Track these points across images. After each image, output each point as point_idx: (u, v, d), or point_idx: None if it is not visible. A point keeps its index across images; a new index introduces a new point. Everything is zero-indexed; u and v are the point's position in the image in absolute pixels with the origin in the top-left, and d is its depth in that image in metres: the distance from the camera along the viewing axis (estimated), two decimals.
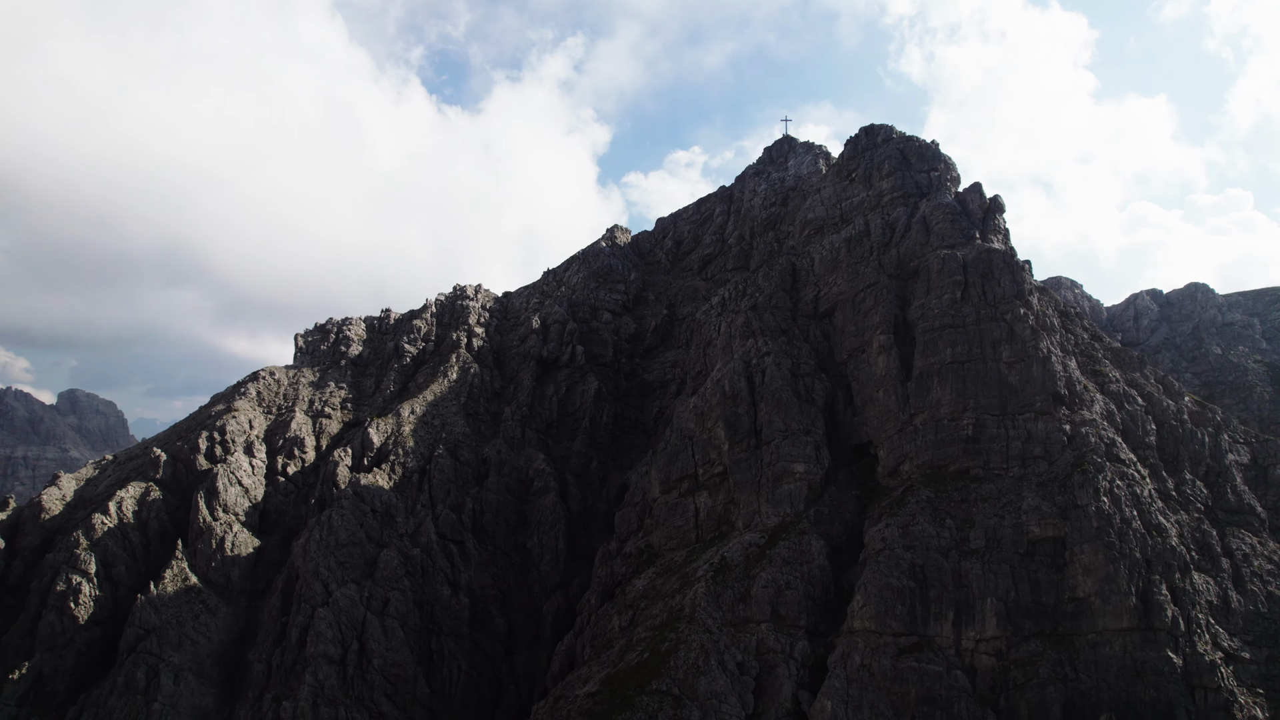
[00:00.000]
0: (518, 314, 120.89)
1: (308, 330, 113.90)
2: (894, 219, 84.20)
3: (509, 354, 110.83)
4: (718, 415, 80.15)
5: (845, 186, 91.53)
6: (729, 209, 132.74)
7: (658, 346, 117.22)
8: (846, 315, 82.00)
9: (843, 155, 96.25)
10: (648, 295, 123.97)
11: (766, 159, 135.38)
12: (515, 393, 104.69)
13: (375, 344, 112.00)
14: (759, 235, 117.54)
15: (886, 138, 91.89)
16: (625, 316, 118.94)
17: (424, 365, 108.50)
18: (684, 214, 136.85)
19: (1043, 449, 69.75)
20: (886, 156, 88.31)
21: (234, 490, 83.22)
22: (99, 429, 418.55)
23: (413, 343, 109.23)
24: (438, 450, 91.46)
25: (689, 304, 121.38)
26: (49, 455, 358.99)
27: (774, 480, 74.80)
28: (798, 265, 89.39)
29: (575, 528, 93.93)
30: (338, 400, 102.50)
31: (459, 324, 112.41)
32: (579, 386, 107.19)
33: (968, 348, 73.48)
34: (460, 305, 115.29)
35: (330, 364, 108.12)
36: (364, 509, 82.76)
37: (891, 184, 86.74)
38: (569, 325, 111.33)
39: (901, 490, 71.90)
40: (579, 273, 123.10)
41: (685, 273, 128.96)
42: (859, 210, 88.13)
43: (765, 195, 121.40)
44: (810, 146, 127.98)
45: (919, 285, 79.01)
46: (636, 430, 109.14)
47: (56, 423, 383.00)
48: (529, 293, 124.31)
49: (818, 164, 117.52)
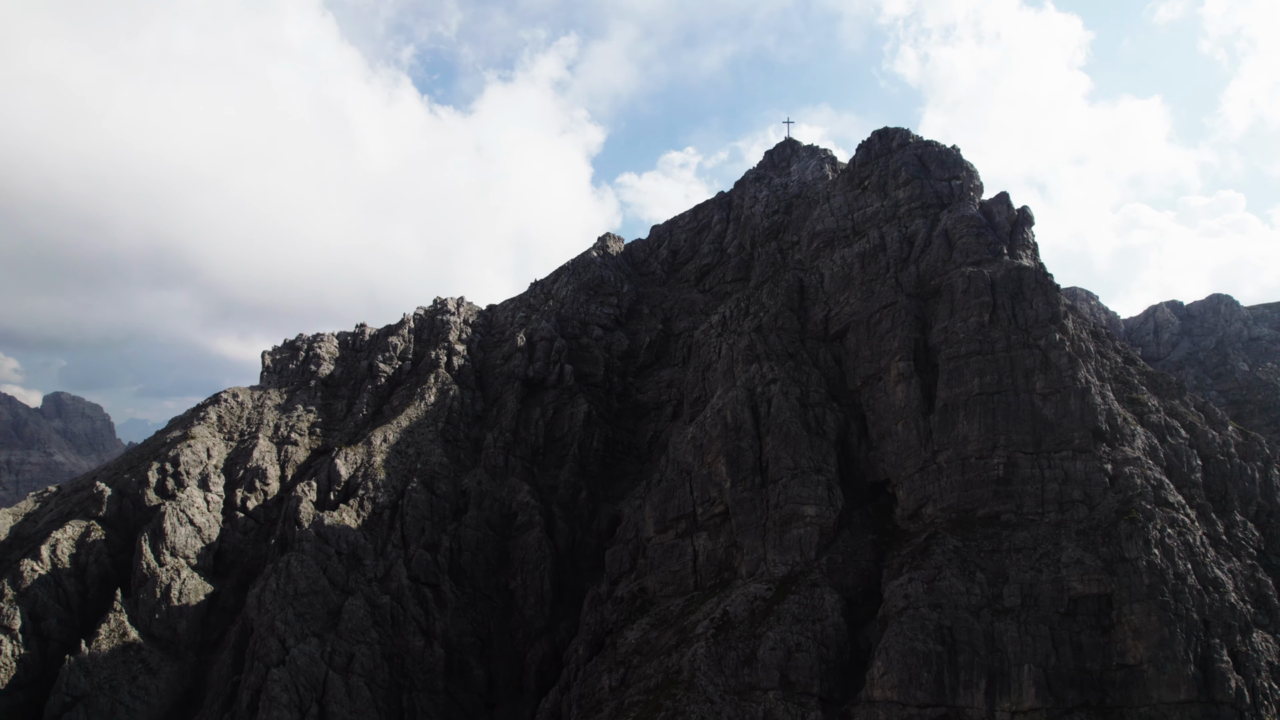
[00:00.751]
0: (503, 329, 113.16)
1: (276, 347, 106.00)
2: (912, 232, 76.74)
3: (492, 373, 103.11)
4: (718, 449, 72.60)
5: (857, 195, 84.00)
6: (728, 216, 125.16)
7: (652, 364, 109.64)
8: (860, 338, 74.50)
9: (854, 161, 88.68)
10: (641, 308, 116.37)
11: (768, 163, 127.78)
12: (498, 416, 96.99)
13: (348, 362, 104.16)
14: (760, 245, 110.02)
15: (902, 142, 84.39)
16: (617, 332, 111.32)
17: (400, 386, 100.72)
18: (680, 221, 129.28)
19: (1082, 492, 62.39)
20: (903, 163, 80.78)
21: (184, 530, 75.30)
22: (85, 433, 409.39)
23: (388, 362, 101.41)
24: (411, 483, 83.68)
25: (686, 318, 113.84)
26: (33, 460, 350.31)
27: (782, 524, 67.29)
28: (805, 282, 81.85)
29: (562, 565, 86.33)
30: (306, 425, 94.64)
31: (438, 341, 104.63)
32: (567, 409, 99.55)
33: (997, 377, 66.07)
34: (440, 320, 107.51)
35: (299, 384, 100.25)
36: (328, 552, 74.95)
37: (909, 193, 79.25)
38: (557, 343, 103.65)
39: (924, 537, 64.45)
40: (568, 284, 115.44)
41: (682, 284, 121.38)
42: (873, 222, 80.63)
43: (767, 202, 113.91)
44: (815, 150, 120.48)
45: (941, 306, 71.56)
46: (629, 456, 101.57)
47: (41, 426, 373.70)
48: (515, 306, 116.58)
49: (823, 169, 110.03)
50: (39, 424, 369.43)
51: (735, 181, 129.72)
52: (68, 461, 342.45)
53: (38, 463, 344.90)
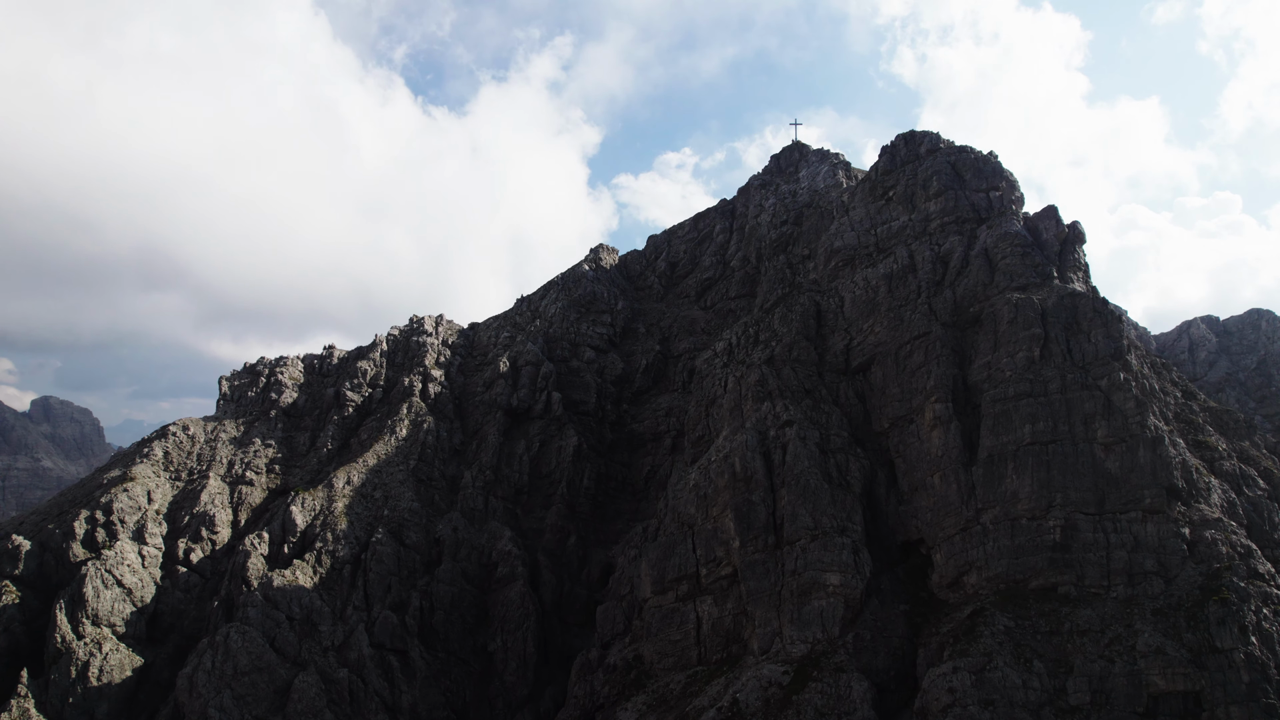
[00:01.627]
0: (485, 350, 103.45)
1: (235, 372, 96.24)
2: (946, 251, 67.27)
3: (472, 402, 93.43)
4: (726, 501, 63.02)
5: (881, 207, 74.45)
6: (731, 226, 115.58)
7: (649, 390, 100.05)
8: (888, 373, 64.97)
9: (876, 168, 79.02)
10: (637, 327, 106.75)
11: (774, 168, 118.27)
12: (478, 451, 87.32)
13: (314, 389, 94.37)
14: (768, 258, 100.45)
15: (932, 148, 74.85)
16: (611, 354, 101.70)
17: (370, 416, 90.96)
18: (679, 231, 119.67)
19: (1156, 561, 52.98)
20: (934, 171, 71.23)
21: (110, 594, 65.52)
22: (73, 437, 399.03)
23: (356, 389, 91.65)
24: (377, 534, 74.00)
25: (685, 338, 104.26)
26: (20, 465, 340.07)
27: (800, 593, 57.71)
28: (823, 306, 72.29)
29: (548, 623, 76.69)
30: (264, 461, 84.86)
31: (413, 365, 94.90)
32: (555, 442, 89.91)
33: (1052, 423, 56.58)
34: (416, 342, 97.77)
35: (259, 414, 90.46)
36: (276, 618, 65.23)
37: (941, 206, 69.73)
38: (544, 367, 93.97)
39: (968, 612, 54.94)
40: (557, 301, 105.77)
41: (681, 300, 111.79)
42: (900, 238, 71.09)
43: (774, 211, 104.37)
44: (825, 155, 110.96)
45: (983, 338, 62.05)
46: (624, 493, 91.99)
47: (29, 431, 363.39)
48: (499, 325, 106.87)
49: (836, 176, 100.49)
50: (26, 429, 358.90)
51: (739, 188, 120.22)
52: (55, 467, 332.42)
53: (25, 468, 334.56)
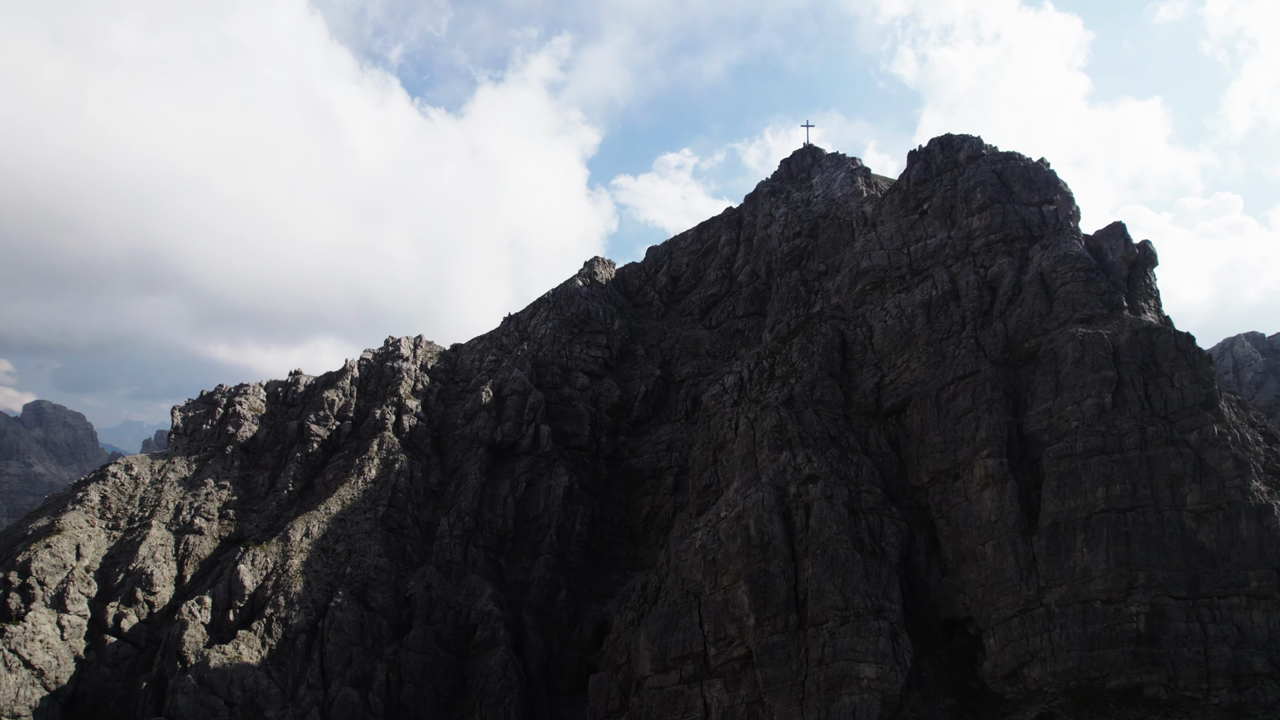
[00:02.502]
0: (468, 375, 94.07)
1: (190, 402, 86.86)
2: (995, 275, 57.92)
3: (451, 436, 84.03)
4: (738, 570, 53.70)
5: (915, 222, 65.06)
6: (738, 237, 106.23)
7: (648, 420, 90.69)
8: (928, 418, 55.61)
9: (907, 177, 69.58)
10: (635, 349, 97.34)
11: (784, 174, 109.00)
12: (457, 494, 77.94)
13: (277, 421, 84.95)
14: (779, 274, 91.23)
15: (973, 154, 65.47)
16: (607, 379, 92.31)
17: (338, 452, 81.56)
18: (681, 243, 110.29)
19: (1268, 661, 43.62)
20: (977, 181, 61.82)
21: (15, 678, 56.09)
22: (66, 442, 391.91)
23: (322, 422, 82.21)
24: (337, 596, 64.68)
25: (689, 360, 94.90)
26: (12, 471, 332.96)
27: (828, 686, 48.35)
28: (849, 336, 62.87)
29: (534, 692, 67.40)
30: (217, 504, 75.51)
31: (387, 394, 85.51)
32: (544, 481, 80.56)
33: (1130, 486, 47.23)
34: (390, 368, 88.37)
35: (214, 450, 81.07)
36: (214, 706, 55.87)
37: (986, 221, 60.39)
38: (532, 396, 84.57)
39: (1033, 717, 45.64)
40: (548, 321, 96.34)
41: (684, 318, 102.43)
42: (938, 259, 61.76)
43: (786, 222, 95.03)
44: (841, 160, 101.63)
45: (1041, 380, 52.66)
46: (620, 537, 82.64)
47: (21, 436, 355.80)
48: (484, 347, 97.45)
49: (854, 183, 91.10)
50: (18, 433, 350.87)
51: (746, 195, 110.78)
52: (48, 473, 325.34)
53: (16, 474, 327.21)
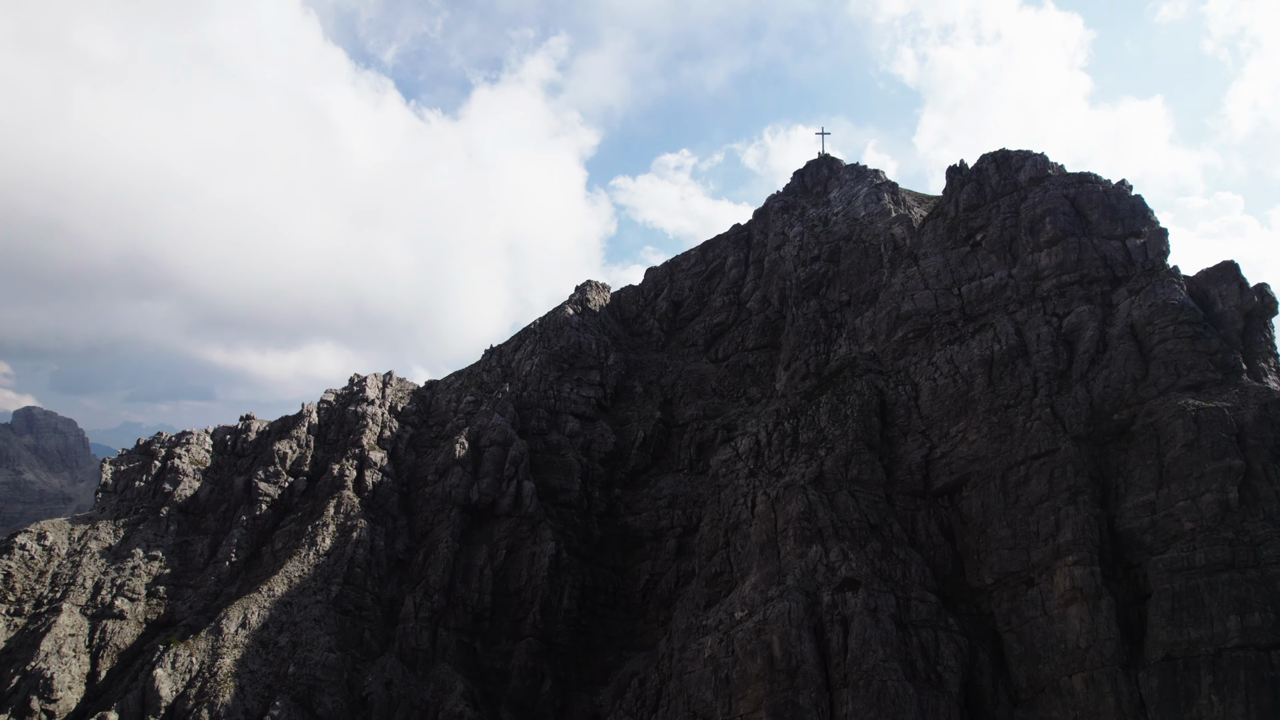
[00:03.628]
0: (444, 417, 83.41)
1: (125, 452, 76.24)
2: (1072, 326, 47.24)
3: (422, 494, 73.35)
4: (758, 697, 43.10)
5: (965, 256, 54.42)
6: (746, 257, 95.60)
7: (647, 470, 79.98)
8: (991, 503, 44.95)
9: (952, 198, 58.81)
10: (633, 386, 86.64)
11: (798, 187, 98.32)
12: (425, 565, 67.25)
13: (224, 475, 74.34)
14: (795, 303, 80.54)
15: (1037, 175, 54.75)
16: (600, 422, 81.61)
17: (291, 513, 70.91)
18: (683, 263, 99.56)
19: None
20: (1046, 209, 51.15)
21: None
22: (57, 449, 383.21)
23: (273, 479, 71.55)
24: (275, 706, 53.98)
25: (693, 400, 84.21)
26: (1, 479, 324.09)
27: None
28: (888, 395, 52.16)
29: None
30: (144, 580, 64.92)
31: (349, 443, 74.85)
32: (527, 548, 69.88)
33: (1273, 614, 36.55)
34: (354, 413, 77.65)
35: (147, 512, 70.47)
36: None
37: (1058, 258, 49.74)
38: (514, 448, 73.84)
39: None
40: (534, 356, 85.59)
41: (686, 350, 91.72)
42: (997, 302, 51.09)
43: (801, 243, 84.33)
44: (862, 172, 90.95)
45: (1139, 463, 41.99)
46: (615, 610, 71.95)
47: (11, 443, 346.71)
48: (462, 384, 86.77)
49: (881, 201, 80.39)
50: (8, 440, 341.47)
51: (755, 210, 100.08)
52: (38, 480, 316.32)
53: (6, 481, 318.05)
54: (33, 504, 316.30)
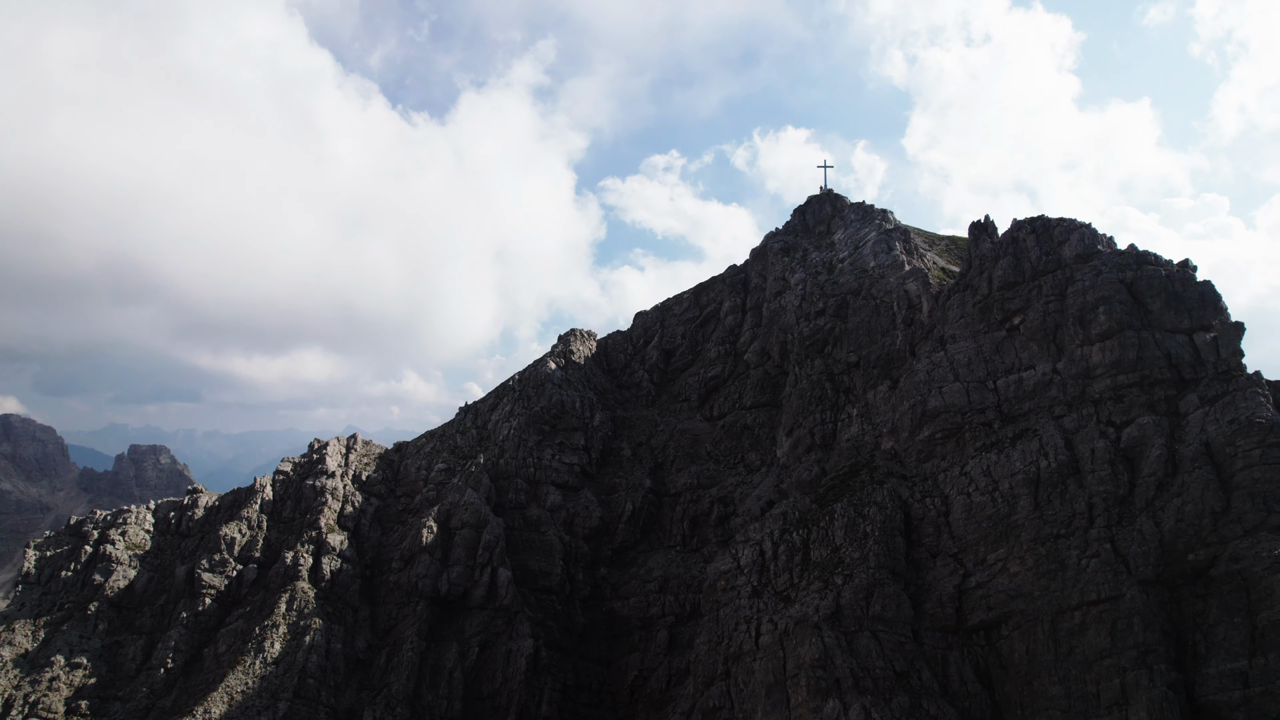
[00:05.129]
0: (413, 486, 76.09)
1: (50, 535, 68.63)
2: (1134, 441, 40.32)
3: (386, 582, 65.99)
4: None
5: (1001, 343, 47.45)
6: (744, 303, 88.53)
7: (636, 545, 72.85)
8: (1039, 651, 37.97)
9: (985, 274, 51.73)
10: (620, 448, 79.50)
11: (799, 225, 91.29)
12: (388, 670, 59.89)
13: (164, 560, 66.84)
14: (798, 361, 73.47)
15: (1085, 251, 47.73)
16: (584, 492, 74.41)
17: (239, 607, 63.45)
18: (675, 307, 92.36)
19: None
20: (1100, 297, 44.23)
21: None
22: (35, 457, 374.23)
23: (218, 569, 64.06)
24: None
25: (685, 465, 77.13)
26: None
27: None
28: (913, 508, 45.15)
29: None
30: (63, 695, 57.33)
31: (306, 523, 67.45)
32: (502, 644, 62.62)
33: None
34: (312, 487, 70.23)
35: (75, 607, 62.90)
36: None
37: (1114, 355, 42.82)
38: (488, 530, 66.57)
39: None
40: (513, 417, 78.27)
41: (679, 405, 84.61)
42: (1041, 403, 44.11)
43: (804, 292, 77.27)
44: (869, 213, 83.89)
45: (1223, 619, 35.07)
46: (600, 710, 64.69)
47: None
48: (433, 449, 79.43)
49: (892, 250, 73.27)
50: None
51: (752, 250, 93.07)
52: (15, 489, 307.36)
53: None
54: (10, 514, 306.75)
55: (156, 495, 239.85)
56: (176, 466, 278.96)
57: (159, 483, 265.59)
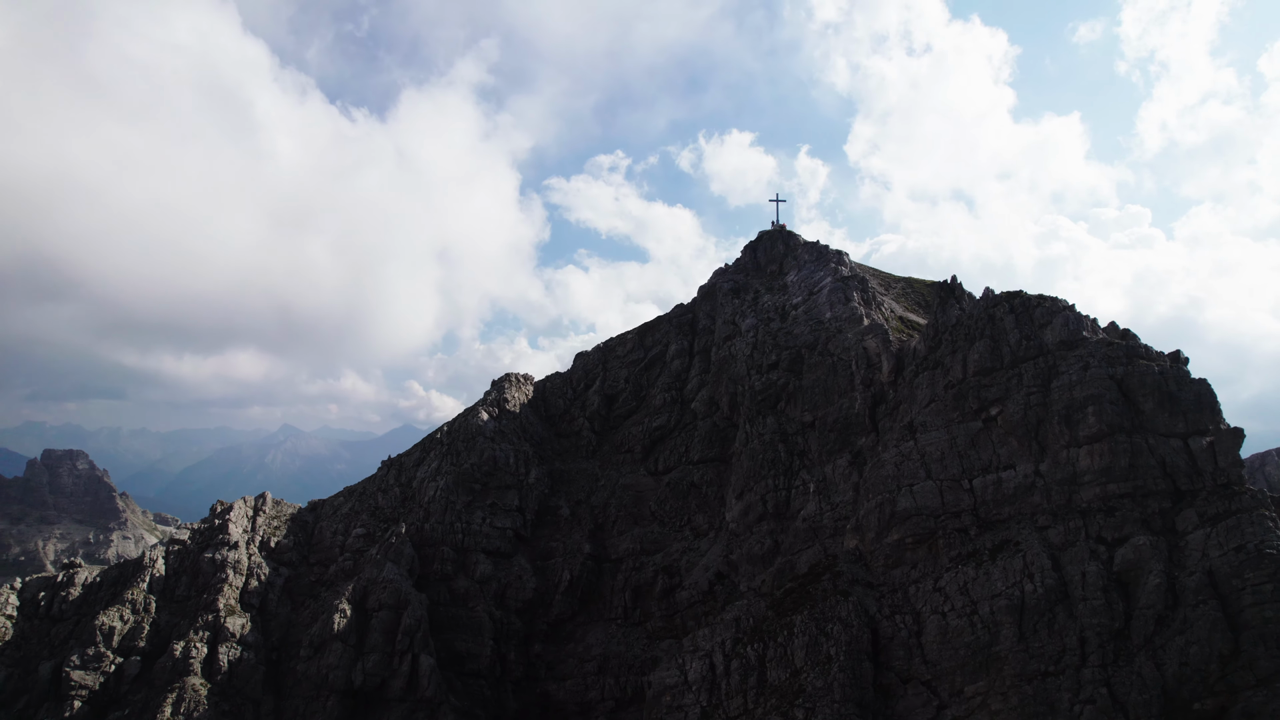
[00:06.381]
0: (328, 552, 69.00)
1: None
2: (1127, 564, 36.12)
3: (294, 671, 58.92)
4: None
5: (977, 435, 43.01)
6: (691, 346, 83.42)
7: (574, 616, 67.14)
8: None
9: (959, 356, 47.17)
10: (558, 506, 73.61)
11: (750, 264, 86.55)
12: None
13: (28, 651, 58.54)
14: (749, 417, 68.59)
15: (1069, 339, 43.54)
16: (517, 560, 68.37)
17: (117, 709, 55.62)
18: (619, 348, 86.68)
19: None
20: (1089, 395, 39.99)
21: None
22: None
23: (93, 664, 56.18)
24: None
25: (628, 527, 71.74)
26: None
27: None
28: (881, 626, 40.35)
29: None
30: None
31: (203, 604, 59.95)
32: None
33: None
34: (211, 560, 62.65)
35: None
36: None
37: (1104, 461, 38.67)
38: (408, 614, 60.00)
39: None
40: (440, 476, 71.65)
41: (622, 458, 79.06)
42: (1022, 509, 39.70)
43: (756, 340, 72.43)
44: (823, 254, 79.47)
45: None
46: None
47: None
48: (352, 509, 72.35)
49: (849, 300, 68.84)
50: None
51: (700, 288, 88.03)
52: None
53: None
54: None
55: (73, 504, 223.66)
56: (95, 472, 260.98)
57: (76, 489, 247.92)
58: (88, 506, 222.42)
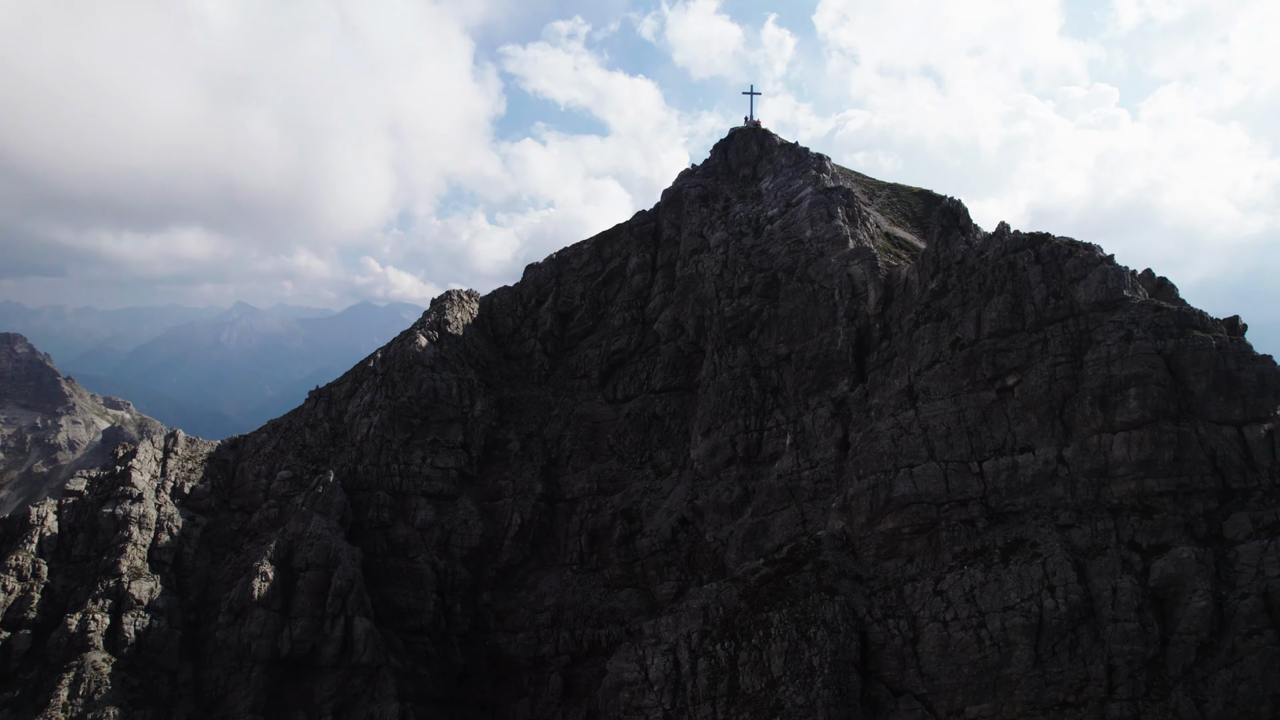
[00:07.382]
0: (250, 498, 62.27)
1: None
2: (1165, 580, 30.73)
3: (213, 638, 53.23)
4: None
5: (989, 407, 36.69)
6: (653, 260, 75.49)
7: (525, 561, 62.12)
8: None
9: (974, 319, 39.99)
10: (507, 440, 67.27)
11: (720, 167, 77.49)
12: None
13: None
14: (719, 346, 61.99)
15: (1107, 298, 36.72)
16: (462, 501, 62.50)
17: (5, 691, 49.73)
18: (574, 260, 78.18)
19: None
20: (1131, 375, 33.40)
21: None
22: None
23: None
24: None
25: (585, 464, 66.01)
26: None
27: None
28: (871, 631, 35.16)
29: None
30: None
31: (104, 566, 53.32)
32: (361, 709, 51.75)
33: None
34: (111, 516, 55.55)
35: None
36: None
37: (1144, 452, 32.68)
38: (339, 573, 54.11)
39: None
40: (374, 411, 64.42)
41: (576, 382, 72.40)
42: (1043, 504, 33.81)
43: (727, 258, 64.83)
44: (802, 157, 70.69)
45: None
46: None
47: None
48: (276, 448, 65.11)
49: (832, 215, 60.94)
50: None
51: (664, 192, 79.11)
52: None
53: None
54: None
55: (15, 389, 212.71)
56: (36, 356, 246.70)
57: (16, 374, 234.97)
58: (31, 391, 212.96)
